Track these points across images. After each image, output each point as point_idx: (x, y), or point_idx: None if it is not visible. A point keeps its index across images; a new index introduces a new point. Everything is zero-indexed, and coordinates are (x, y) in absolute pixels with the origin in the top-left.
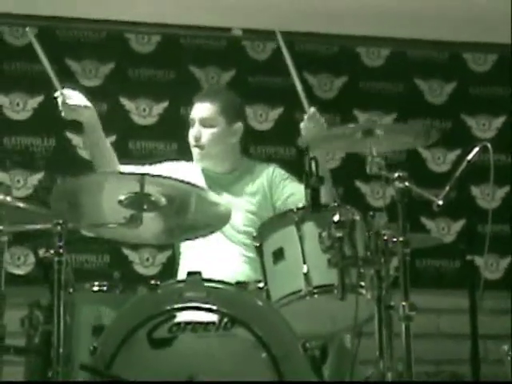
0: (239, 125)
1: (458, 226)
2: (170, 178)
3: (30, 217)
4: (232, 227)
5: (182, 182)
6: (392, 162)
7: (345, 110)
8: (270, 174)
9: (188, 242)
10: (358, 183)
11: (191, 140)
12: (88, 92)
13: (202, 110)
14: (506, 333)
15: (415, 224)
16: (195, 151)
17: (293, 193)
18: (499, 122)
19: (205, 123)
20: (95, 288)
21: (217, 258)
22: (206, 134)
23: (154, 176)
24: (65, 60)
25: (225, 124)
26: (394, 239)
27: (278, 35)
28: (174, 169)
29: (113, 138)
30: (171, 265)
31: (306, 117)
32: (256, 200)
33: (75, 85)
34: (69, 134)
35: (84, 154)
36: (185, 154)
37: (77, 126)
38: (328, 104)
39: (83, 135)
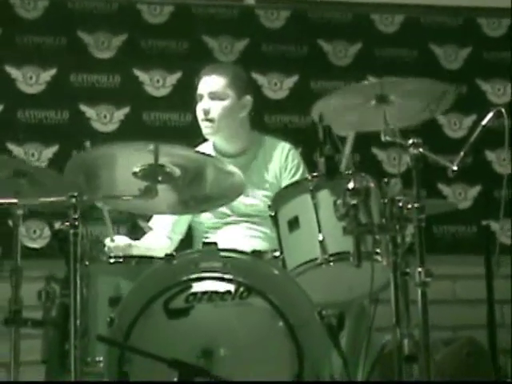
0: (248, 98)
1: (474, 191)
2: (183, 148)
3: (45, 189)
4: (250, 207)
5: (196, 152)
6: (408, 129)
7: (360, 77)
8: (284, 156)
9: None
10: (375, 150)
11: (200, 114)
12: (101, 64)
13: (210, 83)
14: None
15: (432, 190)
16: (205, 125)
17: None
18: None
19: (214, 96)
20: (111, 260)
21: (234, 236)
22: (216, 107)
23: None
24: (77, 32)
25: (234, 97)
26: (409, 206)
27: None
28: None
29: (127, 109)
30: (185, 237)
31: None
32: (272, 178)
33: (88, 57)
34: (82, 107)
35: (98, 126)
36: (199, 125)
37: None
38: (343, 71)
39: None
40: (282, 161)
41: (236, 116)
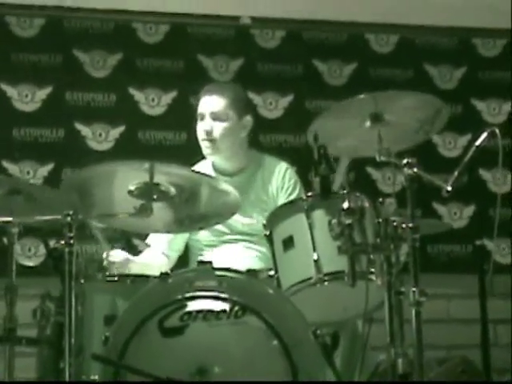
0: (248, 118)
1: (469, 210)
2: (178, 167)
3: (40, 208)
4: (247, 226)
5: (192, 171)
6: (402, 149)
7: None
8: (281, 176)
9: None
10: (370, 169)
11: (201, 134)
12: (96, 82)
13: (212, 103)
14: None
15: (427, 209)
16: (206, 145)
17: None
18: (509, 106)
19: (215, 117)
20: (107, 278)
21: (231, 254)
22: (218, 127)
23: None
24: (72, 51)
25: (235, 118)
26: (404, 225)
27: None
28: None
29: (122, 128)
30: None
31: None
32: (263, 205)
33: (83, 75)
34: (78, 125)
35: (93, 144)
36: (194, 145)
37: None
38: (338, 90)
39: None
40: (279, 180)
41: (237, 136)
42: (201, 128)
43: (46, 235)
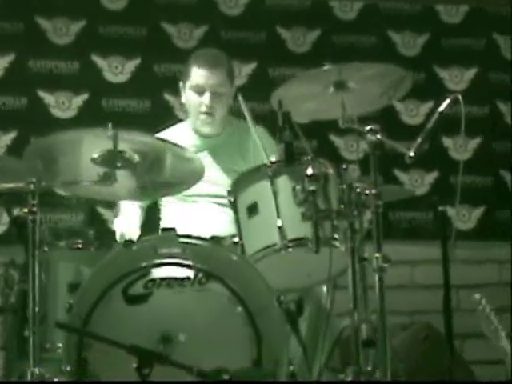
0: (235, 84)
1: (431, 177)
2: (142, 134)
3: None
4: (215, 195)
5: (155, 138)
6: (365, 115)
7: (318, 64)
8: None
9: (170, 203)
10: (332, 136)
11: (201, 108)
12: (59, 50)
13: (213, 78)
14: (478, 282)
15: (388, 176)
16: (203, 118)
17: None
18: (471, 73)
19: (216, 92)
20: (70, 246)
21: (199, 218)
22: (218, 102)
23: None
24: (35, 18)
25: (229, 88)
26: (367, 192)
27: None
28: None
29: (85, 96)
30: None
31: None
32: (239, 168)
33: (46, 43)
34: (41, 93)
35: (56, 112)
36: (158, 112)
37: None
38: (301, 58)
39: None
40: (257, 141)
41: (229, 104)
42: (200, 102)
43: (10, 203)
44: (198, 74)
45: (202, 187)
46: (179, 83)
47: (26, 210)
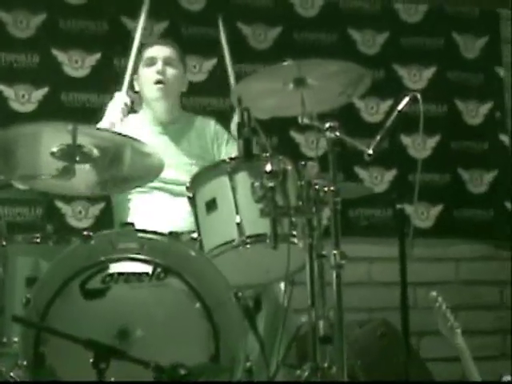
0: (187, 77)
1: (390, 175)
2: (101, 129)
3: None
4: (174, 181)
5: (114, 133)
6: (325, 112)
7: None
8: (212, 130)
9: (126, 197)
10: (293, 133)
11: (153, 76)
12: (19, 43)
13: (166, 50)
14: (436, 280)
15: (348, 173)
16: (158, 87)
17: (231, 153)
18: (430, 72)
19: (168, 62)
20: (28, 240)
21: (158, 211)
22: (170, 72)
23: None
24: None
25: (182, 70)
26: (326, 189)
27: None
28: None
29: (45, 90)
30: (104, 217)
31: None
32: (198, 154)
33: (6, 36)
34: (0, 86)
35: (16, 105)
36: None
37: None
38: (262, 54)
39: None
40: (212, 133)
41: (180, 88)
42: (152, 71)
43: None
44: (150, 50)
45: (165, 174)
46: (134, 76)
47: None
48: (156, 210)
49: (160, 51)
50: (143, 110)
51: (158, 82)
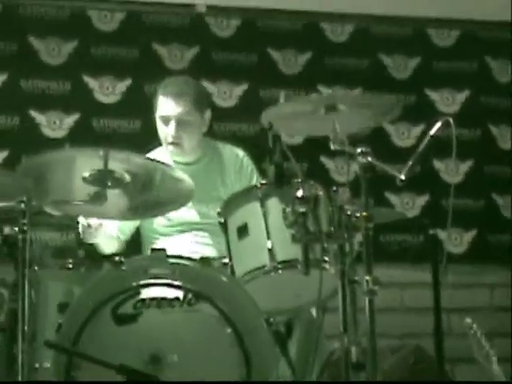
0: (208, 112)
1: (422, 200)
2: (133, 154)
3: None
4: (202, 215)
5: (146, 158)
6: (356, 138)
7: (309, 86)
8: (240, 162)
9: (157, 230)
10: (323, 159)
11: (167, 138)
12: (51, 70)
13: (177, 107)
14: (469, 306)
15: (379, 199)
16: (172, 148)
17: None
18: (463, 96)
19: (182, 122)
20: (60, 265)
21: (187, 243)
22: (185, 132)
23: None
24: (28, 38)
25: (198, 117)
26: (358, 214)
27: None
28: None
29: (76, 116)
30: (134, 243)
31: None
32: (224, 186)
33: (38, 63)
34: (32, 113)
35: (47, 132)
36: (148, 133)
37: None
38: (292, 79)
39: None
40: (237, 167)
41: (200, 133)
42: (166, 133)
43: (0, 222)
44: (163, 104)
45: (186, 215)
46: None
47: (16, 228)
48: (184, 244)
49: (174, 110)
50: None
51: (172, 143)
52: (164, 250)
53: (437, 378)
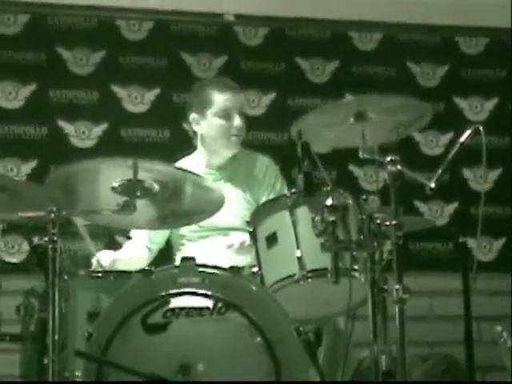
0: None
1: (451, 208)
2: (162, 164)
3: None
4: (233, 216)
5: (175, 168)
6: (385, 146)
7: (337, 94)
8: (264, 169)
9: (181, 241)
10: (352, 167)
11: (231, 130)
12: (79, 80)
13: (237, 101)
14: (499, 314)
15: (408, 207)
16: (235, 139)
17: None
18: (491, 104)
19: (241, 114)
20: (90, 275)
21: (218, 248)
22: (243, 124)
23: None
24: (56, 48)
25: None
26: (387, 222)
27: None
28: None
29: (104, 126)
30: (164, 251)
31: None
32: (253, 191)
33: (66, 73)
34: (61, 123)
35: (76, 142)
36: (177, 142)
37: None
38: (320, 88)
39: None
40: (261, 175)
41: None
42: (229, 126)
43: (30, 232)
44: (221, 99)
45: (220, 219)
46: (190, 115)
47: (46, 238)
48: (216, 247)
49: (235, 102)
50: (199, 152)
51: (237, 135)
52: (193, 258)
53: None
